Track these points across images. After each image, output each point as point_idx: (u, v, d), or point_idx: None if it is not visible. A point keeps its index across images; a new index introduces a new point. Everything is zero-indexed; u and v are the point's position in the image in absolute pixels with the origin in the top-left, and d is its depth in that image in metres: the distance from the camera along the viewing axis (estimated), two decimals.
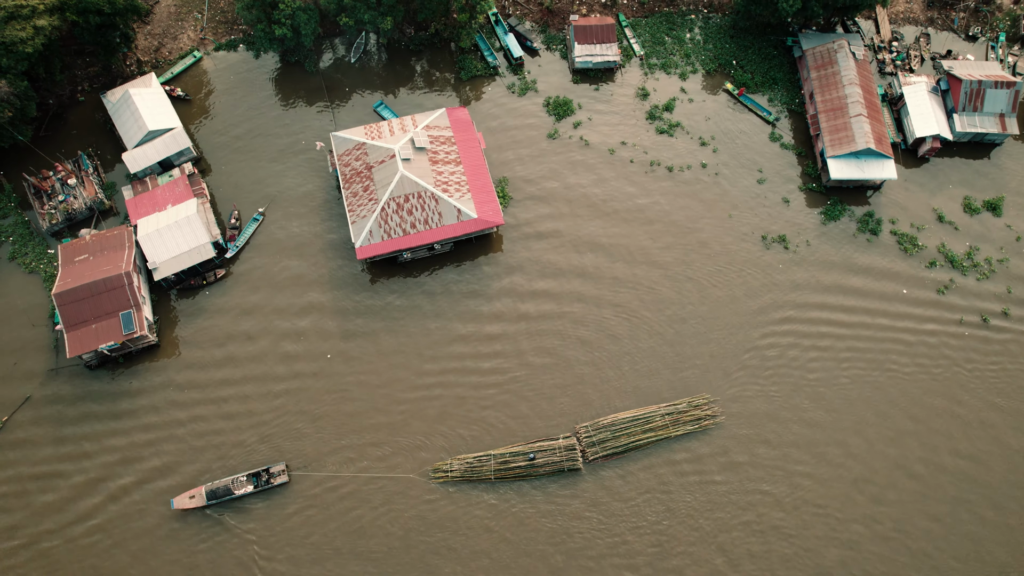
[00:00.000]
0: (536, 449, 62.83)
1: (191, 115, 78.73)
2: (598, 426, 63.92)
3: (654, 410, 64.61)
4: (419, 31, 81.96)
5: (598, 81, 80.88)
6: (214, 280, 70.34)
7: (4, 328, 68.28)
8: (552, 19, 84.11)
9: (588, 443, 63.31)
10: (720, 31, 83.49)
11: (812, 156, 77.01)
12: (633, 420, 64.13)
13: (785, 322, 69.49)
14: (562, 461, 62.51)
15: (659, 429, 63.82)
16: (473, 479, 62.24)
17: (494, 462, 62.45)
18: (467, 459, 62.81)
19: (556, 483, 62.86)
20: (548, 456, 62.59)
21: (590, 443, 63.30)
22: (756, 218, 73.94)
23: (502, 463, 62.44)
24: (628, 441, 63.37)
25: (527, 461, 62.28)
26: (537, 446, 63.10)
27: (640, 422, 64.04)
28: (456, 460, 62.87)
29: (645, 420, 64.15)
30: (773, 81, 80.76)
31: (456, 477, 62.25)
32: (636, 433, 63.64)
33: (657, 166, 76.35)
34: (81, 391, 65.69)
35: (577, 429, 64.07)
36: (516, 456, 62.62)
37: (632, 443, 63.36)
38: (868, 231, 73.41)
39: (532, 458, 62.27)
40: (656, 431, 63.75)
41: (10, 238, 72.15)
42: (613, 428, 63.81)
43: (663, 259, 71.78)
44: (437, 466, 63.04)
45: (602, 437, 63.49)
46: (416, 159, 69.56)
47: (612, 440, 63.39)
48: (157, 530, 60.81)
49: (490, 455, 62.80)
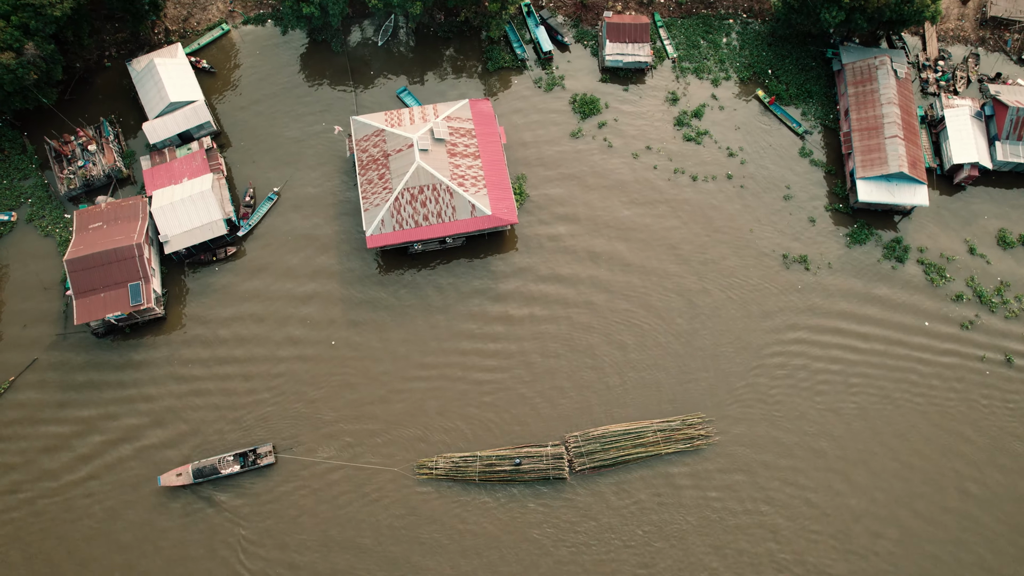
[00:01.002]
0: (523, 455, 62.12)
1: (214, 88, 78.34)
2: (588, 437, 62.94)
3: (647, 425, 63.48)
4: (449, 17, 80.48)
5: (627, 81, 78.85)
6: (224, 257, 70.28)
7: (17, 290, 69.00)
8: (586, 14, 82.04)
9: (576, 453, 62.40)
10: (758, 38, 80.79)
11: (842, 175, 74.50)
12: (625, 434, 63.03)
13: (796, 343, 67.70)
14: (548, 469, 61.72)
15: (650, 445, 62.68)
16: (457, 478, 61.78)
17: (480, 463, 61.89)
18: (453, 458, 62.32)
19: (540, 491, 62.09)
20: (534, 463, 61.85)
21: (578, 453, 62.38)
22: (778, 235, 71.83)
23: (487, 465, 61.87)
24: (617, 455, 62.35)
25: (513, 466, 61.62)
26: (524, 451, 62.39)
27: (632, 436, 62.94)
28: (442, 458, 62.42)
29: (637, 435, 63.03)
30: (808, 94, 78.05)
31: (440, 475, 61.86)
32: (626, 447, 62.57)
33: (681, 174, 74.43)
34: (86, 358, 66.26)
35: (567, 438, 63.19)
36: (502, 460, 61.98)
37: (621, 457, 62.31)
38: (894, 258, 70.95)
39: (518, 463, 61.63)
40: (647, 447, 62.62)
41: (29, 200, 72.67)
42: (603, 440, 62.78)
43: (678, 269, 70.16)
44: (422, 462, 62.67)
45: (591, 448, 62.53)
46: (434, 150, 68.50)
47: (601, 452, 62.41)
48: (145, 502, 61.35)
49: (476, 456, 62.23)
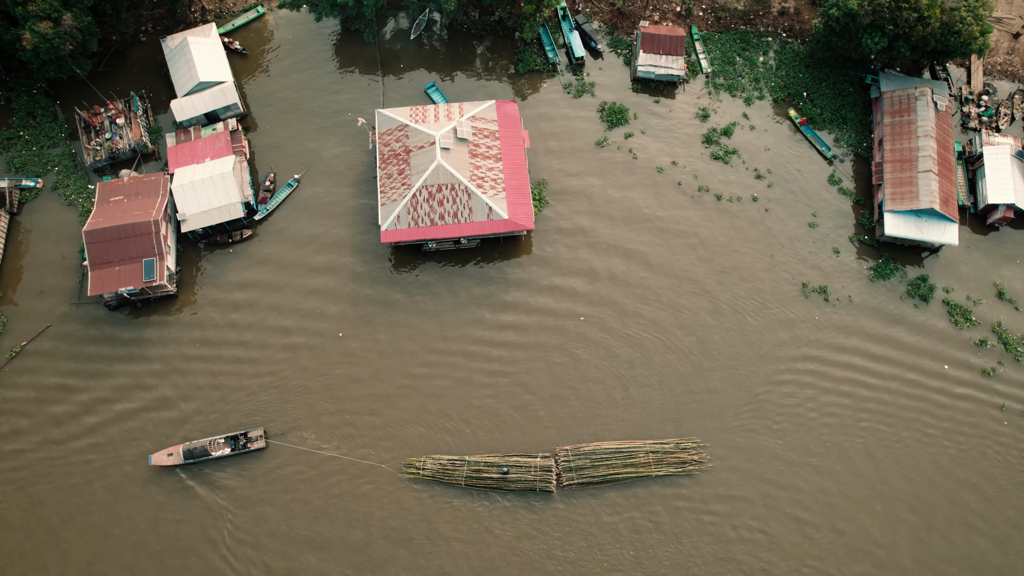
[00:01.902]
0: (512, 463, 61.47)
1: (245, 69, 78.65)
2: (579, 452, 62.11)
3: (639, 445, 62.43)
4: (483, 16, 79.81)
5: (658, 93, 77.55)
6: (239, 239, 70.57)
7: (36, 256, 70.01)
8: (622, 22, 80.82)
9: (565, 467, 61.59)
10: (796, 58, 78.91)
11: (870, 206, 72.53)
12: (616, 452, 62.09)
13: (807, 373, 66.19)
14: (535, 481, 61.03)
15: (640, 466, 61.66)
16: (443, 481, 61.38)
17: (467, 468, 61.43)
18: (441, 460, 61.95)
19: (527, 502, 61.39)
20: (522, 473, 61.20)
21: (567, 468, 61.57)
22: (799, 263, 70.17)
23: (475, 470, 61.38)
24: (606, 473, 61.43)
25: (500, 474, 61.04)
26: (513, 460, 61.73)
27: (623, 455, 61.95)
28: (430, 459, 62.08)
29: (628, 454, 62.04)
30: (843, 120, 76.07)
31: (427, 476, 61.54)
32: (616, 466, 61.62)
33: (705, 192, 73.02)
34: (97, 329, 67.03)
35: (557, 451, 62.40)
36: (490, 467, 61.42)
37: (610, 475, 61.38)
38: (918, 296, 68.88)
39: (506, 472, 61.04)
40: (637, 467, 61.61)
41: (55, 168, 73.63)
42: (593, 456, 61.90)
43: (693, 288, 68.90)
44: (410, 461, 62.40)
45: (580, 464, 61.66)
46: (456, 150, 67.99)
47: (590, 469, 61.53)
48: (135, 478, 61.98)
49: (464, 460, 61.78)
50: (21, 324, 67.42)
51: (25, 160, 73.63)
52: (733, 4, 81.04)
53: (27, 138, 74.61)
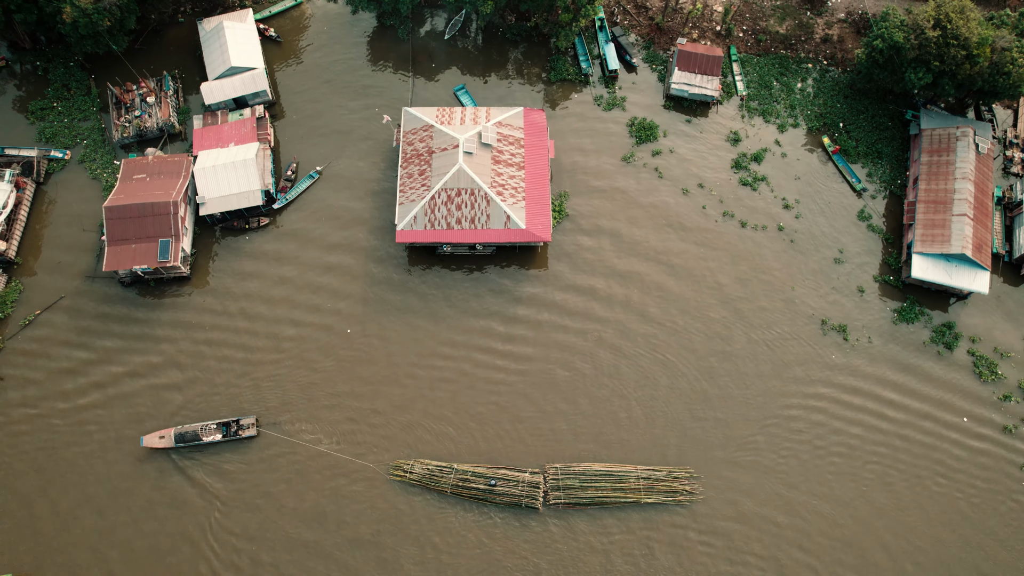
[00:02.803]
0: (500, 476, 60.57)
1: (278, 57, 78.77)
2: (568, 471, 60.98)
3: (631, 470, 61.12)
4: (519, 21, 79.00)
5: (690, 113, 76.05)
6: (256, 227, 70.60)
7: (57, 227, 70.75)
8: (659, 37, 79.44)
9: (553, 485, 60.51)
10: (835, 87, 76.86)
11: (899, 246, 70.30)
12: (606, 475, 60.84)
13: (816, 411, 64.34)
14: (522, 496, 60.07)
15: (630, 491, 60.32)
16: (429, 487, 60.69)
17: (454, 476, 60.65)
18: (429, 465, 61.28)
19: (510, 516, 60.43)
20: (509, 487, 60.26)
21: (555, 486, 60.48)
22: (821, 299, 68.22)
23: (462, 479, 60.59)
24: (594, 495, 60.21)
25: (487, 485, 60.17)
26: (502, 473, 60.82)
27: (613, 479, 60.69)
28: (418, 463, 61.45)
29: (619, 478, 60.74)
30: (878, 154, 73.89)
31: (413, 480, 60.88)
32: (605, 489, 60.37)
33: (730, 218, 71.38)
34: (109, 304, 67.52)
35: (547, 468, 61.33)
36: (478, 477, 60.59)
37: (598, 498, 60.15)
38: (942, 343, 66.53)
39: (493, 484, 60.16)
40: (626, 492, 60.29)
41: (84, 141, 74.36)
42: (583, 477, 60.71)
43: (707, 316, 67.38)
44: (398, 463, 61.80)
45: (569, 483, 60.54)
46: (479, 155, 67.26)
47: (578, 490, 60.37)
48: (126, 459, 62.16)
49: (453, 468, 61.02)
50: (36, 293, 68.14)
51: (56, 131, 74.48)
52: (775, 27, 79.26)
53: (60, 109, 75.46)
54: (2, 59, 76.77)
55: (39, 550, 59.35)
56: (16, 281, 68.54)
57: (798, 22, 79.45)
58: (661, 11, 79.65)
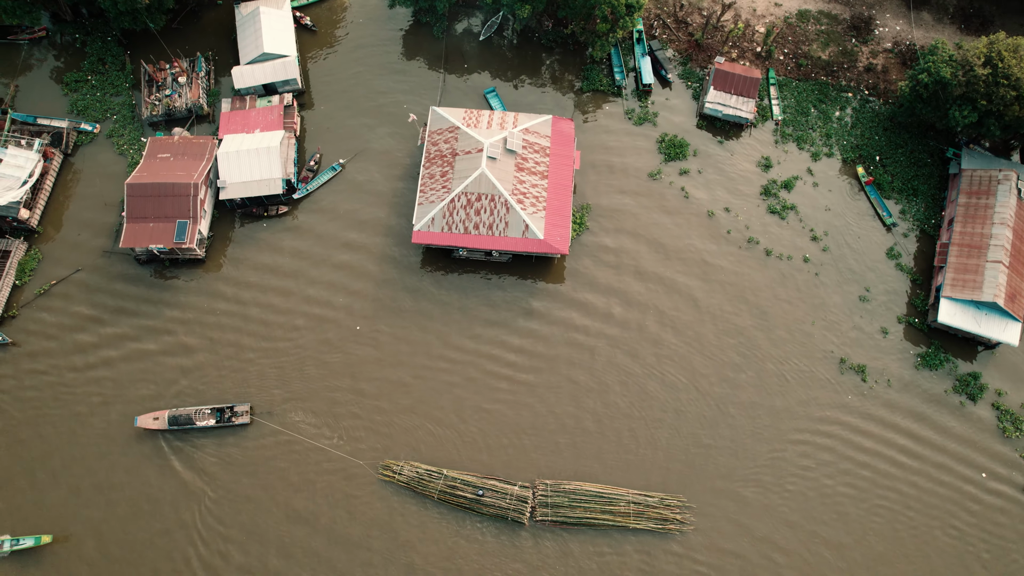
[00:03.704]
0: (489, 486, 59.61)
1: (311, 45, 78.57)
2: (558, 488, 59.80)
3: (622, 493, 59.78)
4: (556, 26, 77.88)
5: (722, 134, 74.33)
6: (275, 215, 70.43)
7: (80, 199, 71.25)
8: (697, 54, 77.77)
9: (541, 502, 59.37)
10: (874, 119, 74.58)
11: (927, 288, 67.95)
12: (597, 495, 59.54)
13: (826, 450, 62.46)
14: (508, 509, 59.04)
15: (619, 515, 58.95)
16: (416, 490, 59.94)
17: (443, 482, 59.81)
18: (419, 468, 60.53)
19: (495, 529, 59.42)
20: (497, 499, 59.26)
21: (543, 503, 59.34)
22: (841, 336, 66.17)
23: (450, 486, 59.73)
24: (583, 515, 58.95)
25: (475, 495, 59.23)
26: (491, 483, 59.87)
27: (603, 500, 59.37)
28: (408, 465, 60.73)
29: (609, 500, 59.41)
30: (913, 191, 71.52)
31: (402, 482, 60.18)
32: (594, 510, 59.07)
33: (755, 245, 69.55)
34: (123, 281, 67.83)
35: (536, 483, 60.20)
36: (467, 485, 59.71)
37: (586, 519, 58.87)
38: (965, 394, 64.11)
39: (480, 494, 59.23)
40: (615, 516, 58.94)
41: (114, 116, 74.81)
42: (573, 496, 59.50)
43: (722, 342, 65.75)
44: (388, 463, 61.12)
45: (558, 501, 59.34)
46: (502, 161, 66.32)
47: (567, 509, 59.14)
48: (119, 437, 62.42)
49: (442, 473, 60.19)
50: (54, 263, 68.70)
51: (88, 104, 75.03)
52: (817, 52, 77.19)
53: (94, 83, 76.02)
54: (43, 29, 77.55)
55: (27, 508, 59.76)
56: (36, 250, 69.14)
57: (842, 49, 77.32)
58: (702, 28, 78.01)
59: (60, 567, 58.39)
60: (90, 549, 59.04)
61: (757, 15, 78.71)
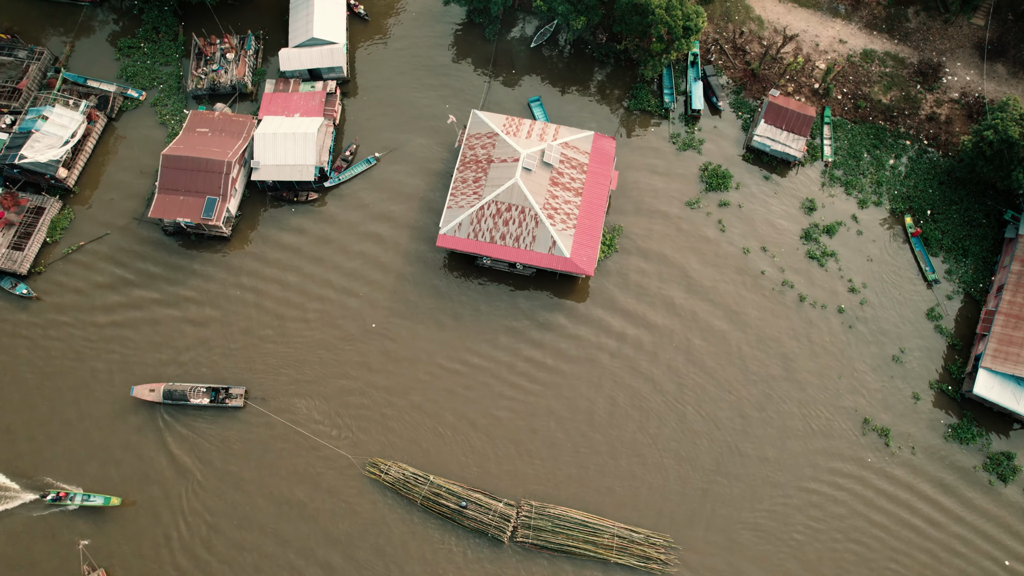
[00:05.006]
0: (474, 499, 58.27)
1: (361, 35, 78.12)
2: (543, 511, 58.31)
3: (607, 525, 58.02)
4: (610, 41, 76.08)
5: (768, 169, 71.74)
6: (304, 201, 70.11)
7: (118, 164, 71.93)
8: (751, 84, 75.21)
9: (524, 523, 57.89)
10: (930, 171, 71.18)
11: (965, 355, 64.49)
12: (581, 524, 57.86)
13: (836, 503, 59.81)
14: (490, 525, 57.70)
15: (601, 547, 57.15)
16: (400, 493, 58.93)
17: (428, 488, 58.70)
18: (406, 470, 59.58)
19: (473, 544, 58.09)
20: (480, 513, 57.96)
21: (526, 524, 57.87)
22: (868, 395, 63.21)
23: (435, 493, 58.62)
24: (564, 542, 57.32)
25: (458, 506, 57.95)
26: (476, 496, 58.53)
27: (587, 530, 57.58)
28: (396, 466, 59.77)
29: (593, 530, 57.58)
30: (963, 252, 68.02)
31: (388, 482, 59.27)
32: (577, 539, 57.37)
33: (789, 289, 66.89)
34: (148, 248, 68.36)
35: (522, 503, 58.74)
36: (451, 495, 58.48)
37: (567, 546, 57.23)
38: (996, 473, 60.65)
39: (464, 506, 58.00)
40: (596, 547, 57.17)
41: (160, 85, 75.34)
42: (556, 520, 57.95)
43: (741, 384, 63.40)
44: (376, 461, 60.22)
45: (541, 524, 57.82)
46: (537, 173, 64.88)
47: (549, 533, 57.58)
48: (116, 403, 62.68)
49: (428, 479, 59.08)
50: (85, 224, 69.46)
51: (137, 71, 75.73)
52: (878, 95, 74.01)
53: (145, 50, 76.72)
54: None
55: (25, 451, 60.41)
56: (69, 209, 69.96)
57: (905, 94, 74.02)
58: (760, 57, 75.45)
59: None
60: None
61: (819, 50, 75.84)
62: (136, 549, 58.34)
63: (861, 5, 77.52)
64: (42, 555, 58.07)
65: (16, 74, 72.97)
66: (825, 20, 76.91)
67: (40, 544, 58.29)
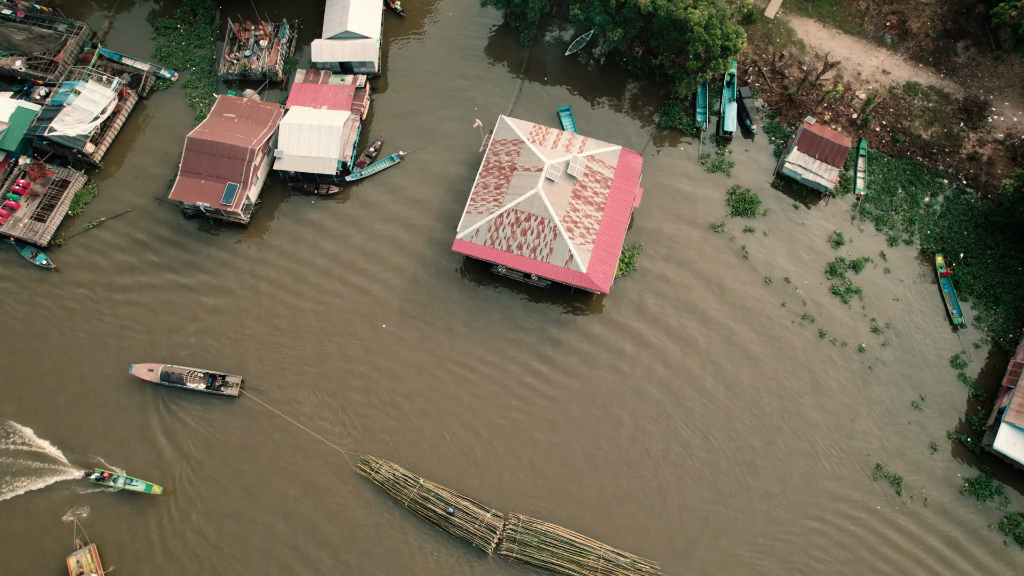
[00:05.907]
0: (462, 506, 57.47)
1: (395, 31, 77.68)
2: (530, 526, 57.29)
3: (594, 546, 56.79)
4: (645, 55, 74.71)
5: (798, 198, 69.88)
6: (324, 194, 69.82)
7: (145, 143, 72.30)
8: (788, 109, 73.36)
9: (510, 536, 56.92)
10: (967, 212, 68.79)
11: (989, 407, 62.14)
12: (568, 543, 56.71)
13: (840, 547, 57.78)
14: (475, 535, 56.84)
15: (586, 568, 56.05)
16: (389, 493, 58.31)
17: (417, 491, 57.99)
18: (396, 471, 58.93)
19: (456, 552, 57.17)
20: (467, 521, 57.12)
21: (511, 537, 56.88)
22: (882, 441, 61.17)
23: (423, 496, 57.92)
24: (548, 560, 56.28)
25: (445, 512, 57.20)
26: (464, 504, 57.67)
27: (573, 549, 56.45)
28: (387, 465, 59.15)
29: (579, 550, 56.45)
30: (995, 299, 65.60)
31: (377, 480, 58.76)
32: (562, 557, 56.26)
33: (809, 323, 65.03)
34: (167, 230, 68.56)
35: (509, 516, 57.76)
36: (439, 500, 57.81)
37: (551, 564, 56.20)
38: (1012, 535, 58.22)
39: (451, 512, 57.20)
40: (581, 568, 56.06)
41: (193, 67, 75.58)
42: (543, 537, 56.87)
43: (753, 417, 61.78)
44: (367, 458, 59.59)
45: (526, 539, 56.81)
46: (560, 185, 63.81)
47: (534, 549, 56.53)
48: (116, 378, 62.85)
49: (418, 482, 58.41)
50: (107, 200, 69.89)
51: (171, 51, 76.10)
52: (918, 130, 71.73)
53: (181, 32, 77.06)
54: None
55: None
56: (93, 184, 70.45)
57: (946, 131, 71.65)
58: (798, 83, 73.56)
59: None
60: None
61: (860, 79, 73.73)
62: (130, 528, 58.37)
63: (909, 36, 75.22)
64: (40, 529, 58.34)
65: (54, 47, 73.66)
66: (870, 49, 74.77)
67: (40, 519, 58.65)
